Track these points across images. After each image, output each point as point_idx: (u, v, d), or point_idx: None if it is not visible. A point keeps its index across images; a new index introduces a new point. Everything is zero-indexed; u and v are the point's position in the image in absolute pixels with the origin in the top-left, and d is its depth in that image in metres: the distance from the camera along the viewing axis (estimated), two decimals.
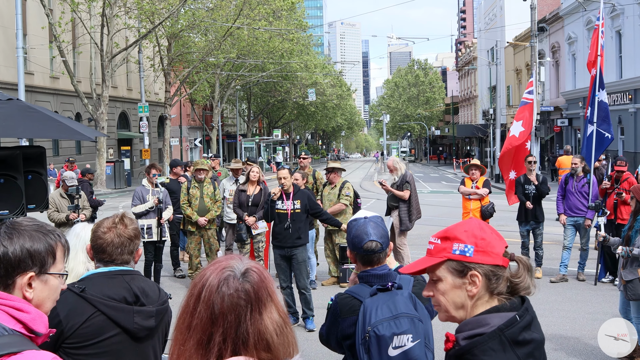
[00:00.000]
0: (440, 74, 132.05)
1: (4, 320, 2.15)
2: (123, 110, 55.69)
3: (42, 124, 8.12)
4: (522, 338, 2.24)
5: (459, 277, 2.33)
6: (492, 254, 2.33)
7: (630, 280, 7.96)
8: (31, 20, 40.73)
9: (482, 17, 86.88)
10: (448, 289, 2.35)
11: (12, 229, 2.34)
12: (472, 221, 2.43)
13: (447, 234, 2.40)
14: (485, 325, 2.26)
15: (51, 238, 2.40)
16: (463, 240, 2.35)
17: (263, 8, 45.91)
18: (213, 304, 2.00)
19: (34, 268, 2.32)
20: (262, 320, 2.01)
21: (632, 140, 35.51)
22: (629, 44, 35.80)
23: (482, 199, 13.55)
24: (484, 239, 2.35)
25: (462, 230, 2.38)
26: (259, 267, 2.11)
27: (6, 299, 2.21)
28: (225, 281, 2.02)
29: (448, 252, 2.35)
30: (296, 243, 10.29)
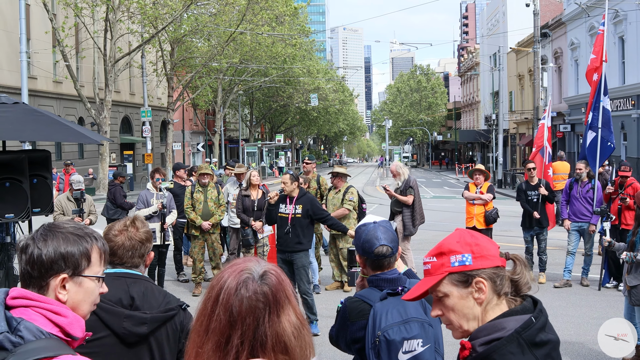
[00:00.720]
0: (442, 79, 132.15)
1: (42, 324, 2.15)
2: (126, 114, 55.73)
3: (49, 127, 8.15)
4: (539, 339, 2.23)
5: (465, 287, 2.32)
6: (490, 256, 2.34)
7: (635, 285, 7.96)
8: (34, 24, 40.80)
9: (485, 22, 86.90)
10: (456, 303, 2.34)
11: (48, 231, 2.36)
12: (460, 231, 2.44)
13: (441, 249, 2.39)
14: (502, 329, 2.25)
15: (87, 241, 2.40)
16: (459, 250, 2.34)
17: (266, 13, 45.95)
18: (231, 306, 2.00)
19: (67, 270, 2.33)
20: (280, 323, 2.01)
21: (635, 145, 35.48)
22: (632, 49, 35.79)
23: (486, 204, 13.53)
24: (477, 244, 2.35)
25: (455, 242, 2.37)
26: (276, 269, 2.12)
27: (44, 302, 2.22)
28: (244, 284, 2.03)
29: (447, 267, 2.34)
30: (296, 248, 10.23)
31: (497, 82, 61.34)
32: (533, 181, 13.79)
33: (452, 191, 46.31)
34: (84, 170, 41.71)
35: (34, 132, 8.21)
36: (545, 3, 56.52)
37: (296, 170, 45.01)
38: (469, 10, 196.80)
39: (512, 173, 48.68)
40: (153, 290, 3.72)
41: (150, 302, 3.63)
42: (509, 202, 31.85)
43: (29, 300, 2.21)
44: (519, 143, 61.78)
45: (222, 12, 44.33)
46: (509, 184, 47.37)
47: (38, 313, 2.19)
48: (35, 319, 2.16)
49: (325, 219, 10.72)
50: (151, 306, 3.61)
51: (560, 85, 49.96)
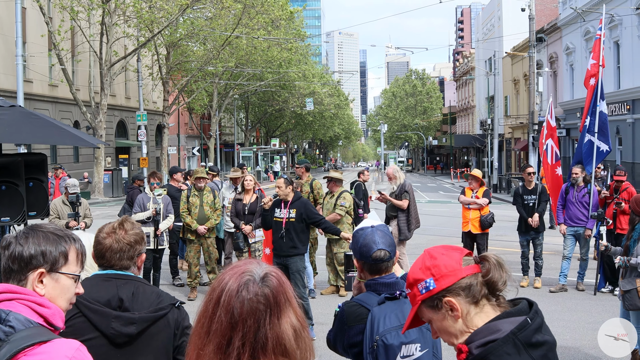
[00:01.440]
0: (437, 84, 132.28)
1: (28, 315, 2.33)
2: (121, 118, 55.70)
3: (45, 130, 8.13)
4: (535, 340, 2.23)
5: (438, 310, 2.35)
6: (450, 273, 2.33)
7: (628, 290, 7.97)
8: (31, 28, 40.77)
9: (480, 27, 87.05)
10: (439, 325, 2.37)
11: (30, 230, 2.56)
12: (422, 255, 2.45)
13: (409, 280, 2.41)
14: (497, 331, 2.25)
15: (65, 241, 2.59)
16: (422, 277, 2.36)
17: (262, 17, 45.97)
18: (233, 308, 2.01)
19: (45, 265, 2.51)
20: (281, 325, 2.02)
21: (630, 150, 35.55)
22: (627, 54, 35.88)
23: (481, 209, 13.54)
24: (436, 265, 2.36)
25: (417, 269, 2.39)
26: (277, 271, 2.13)
27: (29, 294, 2.41)
28: (245, 285, 2.04)
29: (418, 296, 2.37)
30: (290, 252, 10.21)
31: (493, 87, 61.39)
32: (530, 185, 13.81)
33: (447, 196, 46.34)
34: (79, 173, 41.65)
35: (30, 135, 8.20)
36: (541, 8, 56.64)
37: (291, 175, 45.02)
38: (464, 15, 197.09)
39: (507, 178, 48.73)
40: (145, 291, 3.69)
41: (141, 302, 3.60)
42: (505, 206, 31.90)
43: (14, 293, 2.39)
44: (514, 148, 61.87)
45: (218, 16, 44.38)
46: (504, 188, 47.41)
47: (23, 305, 2.37)
48: (22, 310, 2.34)
49: (319, 222, 10.69)
50: (142, 306, 3.59)
51: (556, 90, 50.06)
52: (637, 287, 7.87)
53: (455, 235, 19.09)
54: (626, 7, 34.92)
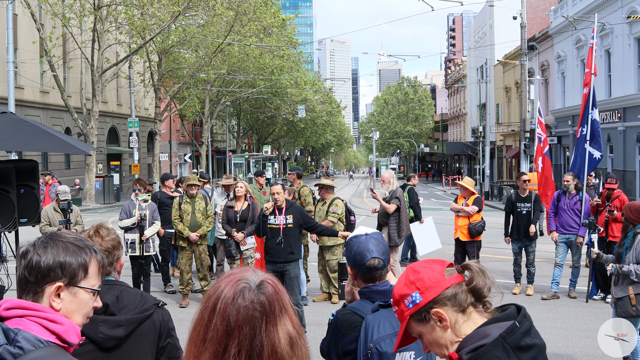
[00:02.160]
0: (429, 91, 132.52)
1: (39, 333, 2.17)
2: (113, 125, 55.62)
3: (36, 137, 8.10)
4: (524, 343, 2.25)
5: (427, 322, 2.37)
6: (434, 285, 2.35)
7: (621, 297, 7.98)
8: (22, 34, 40.71)
9: (472, 35, 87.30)
10: (429, 338, 2.39)
11: (49, 239, 2.39)
12: (406, 271, 2.46)
13: (395, 297, 2.43)
14: (486, 336, 2.27)
15: (86, 253, 2.43)
16: (407, 292, 2.38)
17: (254, 25, 45.98)
18: (229, 316, 2.00)
19: (63, 279, 2.34)
20: (277, 333, 2.02)
21: (621, 158, 35.67)
22: (618, 62, 36.02)
23: (470, 217, 13.56)
24: (420, 279, 2.38)
25: (402, 285, 2.41)
26: (273, 279, 2.12)
27: (40, 310, 2.24)
28: (241, 293, 2.03)
29: (406, 311, 2.38)
30: (289, 258, 10.29)
31: (484, 95, 61.49)
32: (524, 193, 13.82)
33: (439, 203, 46.33)
34: (71, 180, 41.52)
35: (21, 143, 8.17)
36: (532, 16, 56.86)
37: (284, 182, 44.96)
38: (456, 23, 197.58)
39: (499, 185, 48.82)
40: (128, 293, 3.71)
41: (126, 304, 3.62)
42: (496, 214, 31.93)
43: (24, 310, 2.22)
44: (506, 155, 62.00)
45: (210, 23, 44.35)
46: (495, 196, 47.48)
47: (34, 322, 2.20)
48: (32, 328, 2.17)
49: (315, 226, 10.77)
50: (127, 309, 3.60)
51: (547, 98, 50.23)
52: (630, 294, 7.88)
53: (447, 242, 19.05)
54: (617, 16, 35.09)
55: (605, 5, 37.22)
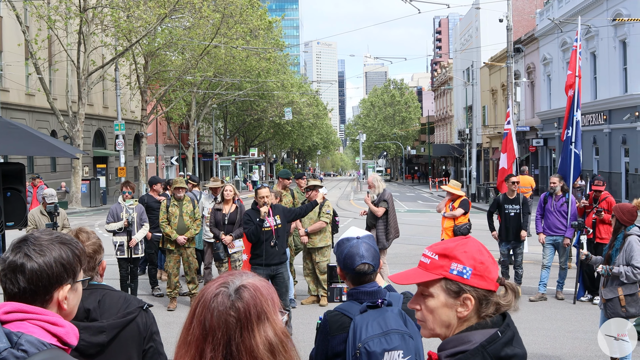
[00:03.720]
0: (416, 93, 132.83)
1: (41, 336, 2.15)
2: (99, 128, 55.42)
3: (22, 140, 8.06)
4: (504, 354, 2.23)
5: (452, 297, 2.31)
6: (488, 278, 2.32)
7: (610, 298, 8.00)
8: (7, 37, 40.52)
9: (458, 37, 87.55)
10: (439, 308, 2.32)
11: (39, 245, 2.33)
12: (471, 242, 2.40)
13: (446, 251, 2.35)
14: (468, 342, 2.25)
15: (74, 247, 2.41)
16: (462, 261, 2.31)
17: (240, 27, 45.96)
18: (204, 319, 2.01)
19: (69, 280, 2.34)
20: (254, 339, 2.00)
21: (606, 160, 35.86)
22: (604, 65, 36.22)
23: (455, 219, 13.58)
24: (482, 262, 2.33)
25: (462, 251, 2.34)
26: (256, 284, 2.10)
27: (40, 313, 2.22)
28: (216, 297, 2.03)
29: (445, 271, 2.31)
30: (282, 259, 10.44)
31: (471, 97, 61.75)
32: (512, 195, 13.85)
33: (426, 205, 46.43)
34: (57, 183, 41.36)
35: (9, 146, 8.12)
36: (518, 18, 57.09)
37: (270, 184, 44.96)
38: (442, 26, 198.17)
39: (485, 187, 48.97)
40: (111, 297, 3.65)
41: (109, 309, 3.57)
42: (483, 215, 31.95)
43: (25, 313, 2.20)
44: (492, 157, 62.19)
45: (196, 25, 44.31)
46: (482, 198, 47.61)
47: (35, 325, 2.18)
48: (34, 331, 2.16)
49: (298, 214, 11.01)
50: (110, 313, 3.55)
51: (533, 100, 50.45)
52: (619, 295, 7.92)
53: None
54: (602, 19, 35.27)
55: (591, 8, 37.42)
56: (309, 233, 12.78)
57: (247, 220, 10.50)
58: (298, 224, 12.92)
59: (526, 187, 19.70)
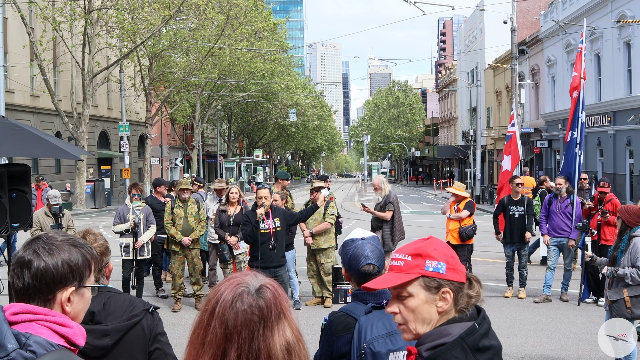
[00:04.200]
0: (420, 95, 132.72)
1: (49, 336, 2.15)
2: (103, 129, 55.49)
3: (27, 142, 8.07)
4: (482, 345, 2.31)
5: (432, 293, 2.37)
6: (460, 271, 2.40)
7: (616, 300, 7.99)
8: (12, 38, 40.58)
9: (462, 39, 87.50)
10: (419, 306, 2.37)
11: (50, 245, 2.33)
12: (436, 240, 2.48)
13: (418, 251, 2.42)
14: (447, 335, 2.32)
15: (86, 251, 2.40)
16: (435, 257, 2.38)
17: (245, 29, 45.98)
18: (227, 319, 2.01)
19: (74, 282, 2.33)
20: (273, 338, 2.02)
21: (611, 161, 35.78)
22: (608, 66, 36.16)
23: (461, 220, 13.57)
24: (453, 257, 2.42)
25: (433, 249, 2.41)
26: (273, 283, 2.13)
27: (48, 314, 2.22)
28: (240, 297, 2.05)
29: (422, 269, 2.38)
30: (281, 262, 10.43)
31: (475, 98, 61.63)
32: (516, 196, 13.83)
33: (430, 207, 46.42)
34: (62, 184, 41.39)
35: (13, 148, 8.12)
36: (523, 20, 57.02)
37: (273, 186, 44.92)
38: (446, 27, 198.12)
39: (489, 189, 48.92)
40: (116, 299, 3.64)
41: (113, 312, 3.56)
42: (488, 217, 31.96)
43: (33, 314, 2.20)
44: (497, 159, 62.11)
45: (200, 27, 44.33)
46: (487, 199, 47.56)
47: (43, 326, 2.18)
48: (42, 332, 2.16)
49: (299, 218, 11.07)
50: (115, 316, 3.54)
51: (538, 102, 50.37)
52: (625, 297, 7.91)
53: None
54: (607, 20, 35.22)
55: (595, 10, 37.36)
56: (313, 234, 12.78)
57: (246, 221, 10.55)
58: (302, 225, 12.89)
59: (528, 188, 19.73)
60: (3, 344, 2.07)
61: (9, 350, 2.06)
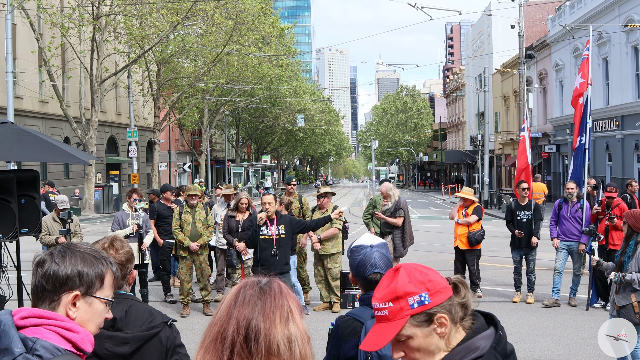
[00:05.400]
0: (428, 100, 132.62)
1: (56, 341, 2.18)
2: (112, 134, 55.63)
3: (36, 147, 8.11)
4: (509, 351, 2.34)
5: (427, 326, 2.31)
6: (443, 289, 2.32)
7: (624, 305, 7.97)
8: (21, 44, 40.74)
9: (470, 44, 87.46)
10: (422, 342, 2.32)
11: (66, 249, 2.42)
12: (407, 269, 2.37)
13: (395, 293, 2.32)
14: (475, 349, 2.30)
15: (103, 264, 2.46)
16: (414, 291, 2.30)
17: (252, 34, 46.07)
18: (232, 301, 2.11)
19: (81, 288, 2.36)
20: (276, 323, 2.06)
21: (619, 166, 35.70)
22: (616, 71, 36.10)
23: (469, 225, 13.56)
24: (430, 280, 2.32)
25: (407, 282, 2.32)
26: (283, 284, 2.19)
27: (57, 319, 2.25)
28: (245, 284, 2.15)
29: (407, 310, 2.30)
30: (284, 269, 10.40)
31: (483, 103, 61.52)
32: (523, 201, 13.81)
33: (438, 212, 46.35)
34: (70, 190, 41.52)
35: (21, 153, 8.16)
36: (530, 25, 56.97)
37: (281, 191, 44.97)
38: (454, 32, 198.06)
39: (498, 194, 48.84)
40: (137, 309, 3.68)
41: (134, 320, 3.60)
42: (496, 222, 31.93)
43: (41, 318, 2.23)
44: (505, 164, 62.04)
45: (208, 32, 44.45)
46: (495, 204, 47.47)
47: (51, 331, 2.21)
48: (49, 336, 2.18)
49: (308, 225, 11.01)
50: (135, 325, 3.58)
51: (545, 106, 50.29)
52: (633, 302, 7.88)
53: (446, 251, 19.04)
54: (614, 25, 35.18)
55: (603, 14, 37.32)
56: (321, 240, 12.78)
57: (249, 225, 10.62)
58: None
59: (539, 194, 19.68)
60: (10, 347, 2.10)
61: (15, 354, 2.08)
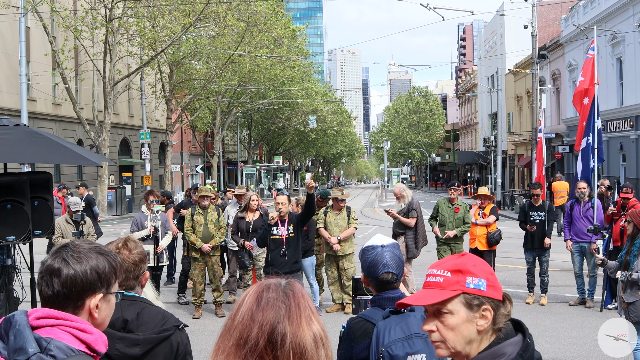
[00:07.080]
0: (440, 101, 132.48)
1: (70, 342, 2.20)
2: (124, 136, 55.79)
3: (49, 149, 8.14)
4: (536, 358, 2.31)
5: (472, 311, 2.30)
6: (499, 289, 2.34)
7: (632, 302, 7.94)
8: (34, 47, 40.93)
9: (483, 44, 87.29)
10: (460, 324, 2.30)
11: (78, 253, 2.39)
12: (473, 256, 2.40)
13: (458, 266, 2.34)
14: (502, 355, 2.27)
15: (111, 258, 2.47)
16: (476, 274, 2.31)
17: (264, 36, 46.12)
18: (254, 304, 2.09)
19: (102, 289, 2.39)
20: (302, 324, 2.06)
21: (634, 166, 35.51)
22: (630, 70, 35.93)
23: (488, 226, 13.55)
24: (492, 274, 2.36)
25: (472, 264, 2.34)
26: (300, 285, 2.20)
27: (71, 320, 2.26)
28: (267, 287, 2.14)
29: (463, 285, 2.30)
30: (294, 268, 10.44)
31: (495, 104, 61.46)
32: (537, 202, 13.79)
33: None
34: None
35: (33, 155, 8.20)
36: (543, 25, 56.81)
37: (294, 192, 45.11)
38: (466, 32, 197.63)
39: (511, 194, 48.71)
40: (149, 311, 3.68)
41: (146, 323, 3.59)
42: (509, 223, 31.83)
43: (55, 319, 2.25)
44: (518, 164, 61.86)
45: (220, 34, 44.53)
46: (508, 205, 47.35)
47: (65, 331, 2.23)
48: (63, 337, 2.20)
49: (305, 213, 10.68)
50: (147, 327, 3.57)
51: (559, 107, 50.09)
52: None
53: None
54: (629, 24, 35.01)
55: (617, 14, 37.14)
56: (341, 240, 12.74)
57: (262, 225, 10.70)
58: (325, 233, 12.82)
59: (563, 192, 19.67)
60: (24, 347, 2.12)
61: (29, 353, 2.11)
